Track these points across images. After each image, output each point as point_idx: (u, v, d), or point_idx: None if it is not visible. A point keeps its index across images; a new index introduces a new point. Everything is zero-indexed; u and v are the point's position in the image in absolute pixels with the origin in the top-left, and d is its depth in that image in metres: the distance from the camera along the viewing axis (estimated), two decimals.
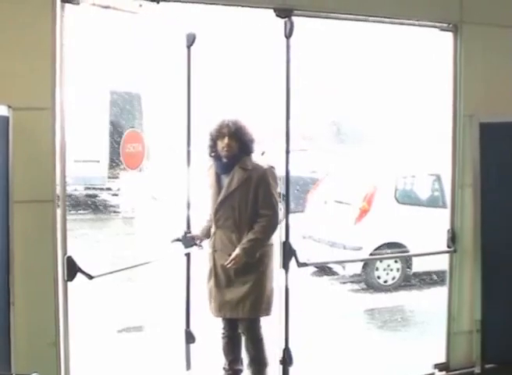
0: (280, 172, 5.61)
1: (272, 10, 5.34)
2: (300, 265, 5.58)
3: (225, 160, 5.60)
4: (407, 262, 10.23)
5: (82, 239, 9.91)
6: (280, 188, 5.65)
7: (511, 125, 5.62)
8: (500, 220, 5.67)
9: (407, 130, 12.42)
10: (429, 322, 7.92)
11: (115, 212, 13.36)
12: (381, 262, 10.15)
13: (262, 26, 5.76)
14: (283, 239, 5.56)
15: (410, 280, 10.39)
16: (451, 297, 6.15)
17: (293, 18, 5.35)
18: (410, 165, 11.11)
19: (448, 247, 6.05)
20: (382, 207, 10.15)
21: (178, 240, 5.84)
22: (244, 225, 5.56)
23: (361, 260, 10.02)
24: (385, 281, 10.16)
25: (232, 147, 5.52)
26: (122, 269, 5.53)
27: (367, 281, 10.20)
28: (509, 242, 5.67)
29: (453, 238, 6.00)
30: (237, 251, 5.45)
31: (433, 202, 10.36)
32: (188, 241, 5.83)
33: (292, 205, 5.70)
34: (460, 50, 5.93)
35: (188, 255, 5.89)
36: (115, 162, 12.11)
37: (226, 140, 5.50)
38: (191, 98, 5.83)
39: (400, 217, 10.01)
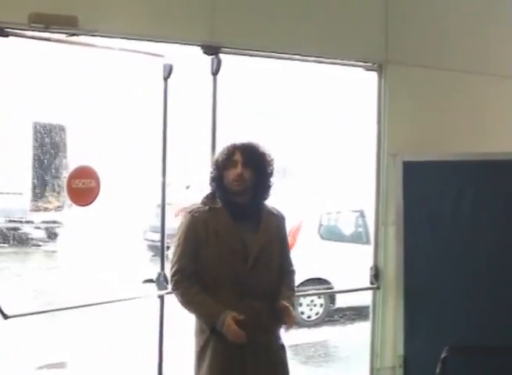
0: None
1: (199, 47, 5.34)
2: None
3: (238, 198, 4.21)
4: (330, 297, 10.29)
5: (2, 273, 9.73)
6: None
7: (434, 164, 5.70)
8: (423, 257, 5.73)
9: (332, 166, 12.53)
10: (353, 357, 7.97)
11: (36, 245, 13.16)
12: (304, 297, 10.17)
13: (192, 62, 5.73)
14: None
15: (334, 316, 10.45)
16: (374, 333, 6.19)
17: (221, 55, 5.36)
18: (334, 201, 11.20)
19: (371, 283, 6.11)
20: (306, 243, 10.19)
21: (151, 281, 5.40)
22: (275, 285, 4.27)
23: None
24: (309, 317, 10.20)
25: (245, 179, 4.16)
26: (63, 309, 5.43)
27: None
28: (431, 279, 5.72)
29: (376, 275, 6.06)
30: (291, 310, 4.18)
31: (357, 238, 10.48)
32: (162, 282, 5.34)
33: None
34: (384, 89, 6.03)
35: (162, 297, 5.43)
36: (39, 194, 11.96)
37: (239, 169, 4.17)
38: (167, 131, 5.46)
39: (323, 253, 10.08)
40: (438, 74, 6.24)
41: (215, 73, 5.37)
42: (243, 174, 4.16)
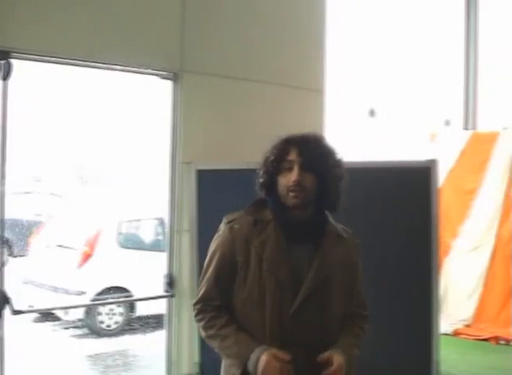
0: None
1: None
2: (16, 312, 5.36)
3: (297, 211, 3.17)
4: (130, 306, 10.23)
5: None
6: None
7: (228, 172, 5.77)
8: None
9: (131, 173, 12.48)
10: (151, 366, 7.95)
11: None
12: (104, 306, 10.08)
13: None
14: None
15: (134, 324, 10.39)
16: (170, 341, 6.21)
17: (12, 60, 5.21)
18: (134, 208, 11.16)
19: (166, 291, 6.12)
20: (105, 251, 10.10)
21: None
22: (333, 335, 3.23)
23: (84, 305, 9.89)
24: (109, 326, 10.08)
25: (306, 187, 3.13)
26: None
27: (90, 326, 10.07)
28: None
29: (170, 283, 6.08)
30: (337, 357, 3.10)
31: (157, 246, 10.46)
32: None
33: (15, 249, 5.26)
34: (179, 98, 6.05)
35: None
36: None
37: (295, 174, 3.12)
38: (6, 136, 5.18)
39: (123, 261, 10.03)
40: (234, 84, 6.36)
41: (4, 78, 5.21)
42: (302, 181, 3.12)
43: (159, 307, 7.15)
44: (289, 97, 6.76)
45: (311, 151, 3.14)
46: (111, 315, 10.09)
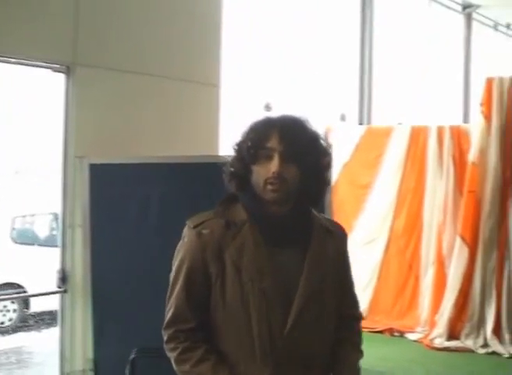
0: None
1: None
2: None
3: (274, 208, 2.70)
4: (24, 302, 10.10)
5: None
6: None
7: (121, 166, 5.71)
8: (110, 259, 5.71)
9: (26, 167, 12.31)
10: (46, 363, 7.86)
11: None
12: None
13: None
14: None
15: (29, 321, 10.26)
16: (63, 337, 6.12)
17: None
18: (28, 203, 11.00)
19: (58, 287, 6.04)
20: None
21: None
22: (329, 343, 2.86)
23: None
24: (2, 323, 9.95)
25: (287, 180, 2.64)
26: None
27: None
28: (118, 282, 5.75)
29: (63, 278, 6.00)
30: None
31: (52, 242, 10.33)
32: None
33: None
34: (72, 91, 5.95)
35: None
36: None
37: (276, 164, 2.61)
38: None
39: (16, 257, 9.89)
40: (128, 77, 6.29)
41: None
42: (283, 172, 2.63)
43: (55, 303, 7.10)
44: (185, 91, 6.74)
45: (294, 137, 2.65)
46: (4, 312, 9.96)
